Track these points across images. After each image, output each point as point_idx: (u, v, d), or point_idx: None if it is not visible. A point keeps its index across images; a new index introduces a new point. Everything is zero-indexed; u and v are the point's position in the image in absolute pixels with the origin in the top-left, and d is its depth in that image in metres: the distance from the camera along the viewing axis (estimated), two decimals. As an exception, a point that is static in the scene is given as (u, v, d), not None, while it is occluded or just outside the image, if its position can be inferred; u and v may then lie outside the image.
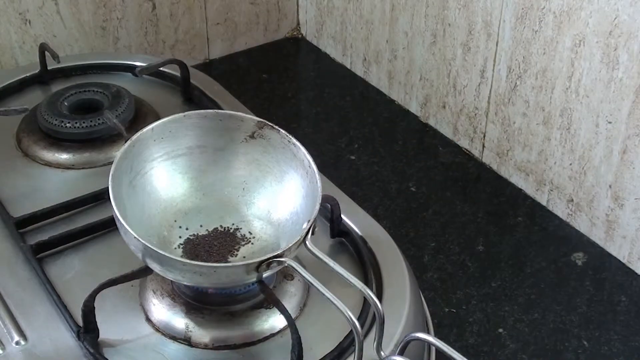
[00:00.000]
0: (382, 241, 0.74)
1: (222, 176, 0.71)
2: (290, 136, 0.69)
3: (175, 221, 0.69)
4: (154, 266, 0.61)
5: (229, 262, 0.66)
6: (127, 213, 0.63)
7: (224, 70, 1.26)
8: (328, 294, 0.58)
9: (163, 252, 0.59)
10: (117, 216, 0.61)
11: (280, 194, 0.70)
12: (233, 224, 0.70)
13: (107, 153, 0.84)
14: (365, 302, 0.67)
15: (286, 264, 0.60)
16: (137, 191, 0.67)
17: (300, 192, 0.68)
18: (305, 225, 0.62)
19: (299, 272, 0.59)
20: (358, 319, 0.60)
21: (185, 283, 0.65)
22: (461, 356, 0.55)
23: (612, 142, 0.87)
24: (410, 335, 0.59)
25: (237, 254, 0.67)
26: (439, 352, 0.69)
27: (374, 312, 0.60)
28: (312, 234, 0.63)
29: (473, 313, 0.84)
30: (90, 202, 0.78)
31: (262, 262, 0.60)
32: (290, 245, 0.60)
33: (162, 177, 0.70)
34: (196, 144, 0.70)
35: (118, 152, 0.65)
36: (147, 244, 0.59)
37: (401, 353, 0.59)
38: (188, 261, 0.62)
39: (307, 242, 0.62)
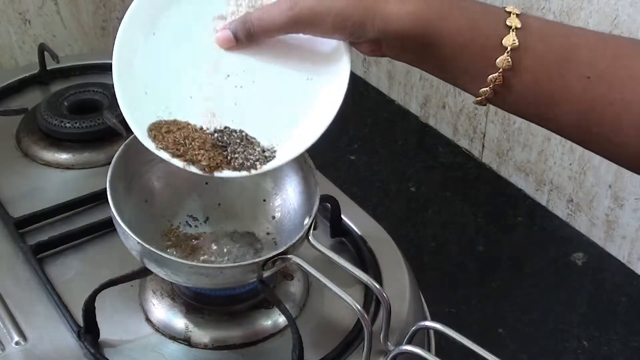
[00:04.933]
0: (382, 241, 0.74)
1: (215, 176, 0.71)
2: None
3: (172, 224, 0.69)
4: (158, 270, 0.61)
5: (233, 262, 0.66)
6: (126, 218, 0.62)
7: (224, 70, 1.26)
8: (334, 288, 0.58)
9: (169, 257, 0.59)
10: (119, 223, 0.60)
11: (276, 191, 0.70)
12: (230, 224, 0.69)
13: (107, 153, 0.84)
14: (366, 299, 0.67)
15: (291, 261, 0.60)
16: (134, 196, 0.67)
17: (296, 188, 0.68)
18: (307, 221, 0.62)
19: (304, 268, 0.59)
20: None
21: (190, 285, 0.65)
22: (468, 340, 0.55)
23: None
24: (419, 324, 0.59)
25: (237, 254, 0.67)
26: (439, 344, 0.69)
27: (380, 306, 0.59)
28: (314, 229, 0.63)
29: (473, 313, 0.84)
30: (90, 202, 0.78)
31: (267, 260, 0.59)
32: (294, 241, 0.60)
33: (157, 179, 0.69)
34: None
35: (113, 158, 0.65)
36: (156, 250, 0.58)
37: (409, 342, 0.59)
38: (194, 263, 0.61)
39: (310, 238, 0.62)
